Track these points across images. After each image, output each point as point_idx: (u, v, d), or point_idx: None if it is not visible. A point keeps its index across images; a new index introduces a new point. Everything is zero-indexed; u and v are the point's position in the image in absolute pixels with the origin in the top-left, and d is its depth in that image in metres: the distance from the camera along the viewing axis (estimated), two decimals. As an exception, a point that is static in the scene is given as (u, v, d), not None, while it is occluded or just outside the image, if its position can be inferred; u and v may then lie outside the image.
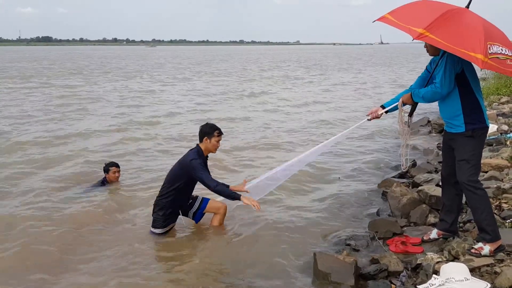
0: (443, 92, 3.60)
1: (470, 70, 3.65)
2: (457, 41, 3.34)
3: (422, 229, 4.48)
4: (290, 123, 11.57)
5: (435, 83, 3.63)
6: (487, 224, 3.65)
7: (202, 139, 4.69)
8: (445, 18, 3.48)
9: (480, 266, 3.49)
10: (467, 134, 3.63)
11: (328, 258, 3.82)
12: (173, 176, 4.71)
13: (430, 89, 3.68)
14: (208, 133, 4.66)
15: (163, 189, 4.73)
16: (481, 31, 3.40)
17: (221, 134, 4.75)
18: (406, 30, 3.50)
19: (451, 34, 3.39)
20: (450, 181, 3.94)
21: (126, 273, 3.97)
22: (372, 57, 61.74)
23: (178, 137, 9.79)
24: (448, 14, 3.51)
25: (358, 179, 6.75)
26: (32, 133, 9.94)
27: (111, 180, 6.29)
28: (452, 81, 3.59)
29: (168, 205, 4.66)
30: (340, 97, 17.45)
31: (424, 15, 3.57)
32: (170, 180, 4.70)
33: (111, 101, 15.49)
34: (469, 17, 3.60)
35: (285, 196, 5.94)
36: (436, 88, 3.61)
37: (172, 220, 4.76)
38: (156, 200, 4.76)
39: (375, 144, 9.14)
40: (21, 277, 3.90)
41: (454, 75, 3.58)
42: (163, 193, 4.70)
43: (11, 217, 5.17)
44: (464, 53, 3.30)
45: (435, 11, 3.55)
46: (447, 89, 3.60)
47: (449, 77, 3.57)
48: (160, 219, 4.68)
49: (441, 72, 3.58)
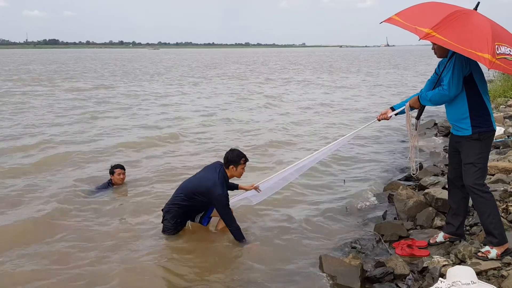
0: (451, 94, 3.58)
1: (478, 72, 3.63)
2: (464, 41, 3.31)
3: (429, 232, 4.47)
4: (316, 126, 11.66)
5: (443, 85, 3.60)
6: (494, 228, 3.63)
7: (228, 166, 4.63)
8: (452, 19, 3.45)
9: (487, 270, 3.48)
10: (474, 137, 3.61)
11: (334, 261, 3.82)
12: (193, 193, 4.57)
13: (437, 92, 3.65)
14: (234, 161, 4.61)
15: (177, 199, 4.63)
16: (488, 32, 3.36)
17: (247, 161, 4.71)
18: (412, 30, 3.48)
19: (459, 34, 3.36)
20: (456, 184, 3.93)
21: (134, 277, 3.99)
22: (390, 58, 61.68)
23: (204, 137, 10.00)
24: (455, 15, 3.49)
25: (364, 181, 6.74)
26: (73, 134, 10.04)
27: (116, 182, 6.31)
28: (460, 84, 3.57)
29: (180, 215, 4.64)
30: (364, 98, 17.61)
31: (431, 16, 3.54)
32: (188, 194, 4.59)
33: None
34: (476, 18, 3.57)
35: (291, 199, 5.94)
36: (444, 91, 3.59)
37: (182, 226, 4.75)
38: (167, 206, 4.68)
39: (380, 147, 9.12)
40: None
41: (462, 77, 3.56)
42: (177, 203, 4.61)
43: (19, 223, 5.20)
44: (472, 53, 3.26)
45: (442, 12, 3.52)
46: (454, 91, 3.57)
47: (457, 80, 3.54)
48: (171, 227, 4.65)
49: (449, 74, 3.55)
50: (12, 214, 5.38)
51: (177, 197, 4.66)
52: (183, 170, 7.16)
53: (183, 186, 4.76)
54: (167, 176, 6.91)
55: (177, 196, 4.68)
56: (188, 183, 4.73)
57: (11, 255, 4.33)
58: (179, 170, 7.22)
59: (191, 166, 7.26)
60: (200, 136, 10.09)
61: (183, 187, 4.74)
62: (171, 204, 4.67)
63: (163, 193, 6.07)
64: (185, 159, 8.07)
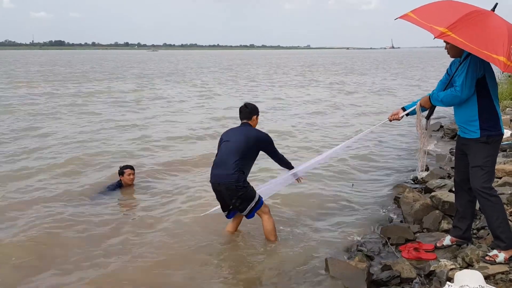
0: (463, 96, 3.54)
1: (490, 75, 3.59)
2: (479, 42, 3.26)
3: (435, 235, 4.45)
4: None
5: (455, 86, 3.56)
6: (502, 231, 3.60)
7: (251, 117, 4.72)
8: (468, 19, 3.40)
9: (495, 274, 3.45)
10: (482, 140, 3.58)
11: (340, 264, 3.80)
12: (246, 151, 4.48)
13: (449, 93, 3.61)
14: (256, 111, 4.82)
15: (236, 166, 4.40)
16: (505, 34, 3.31)
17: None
18: (427, 29, 3.43)
19: (474, 35, 3.31)
20: (463, 187, 3.90)
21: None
22: (401, 60, 61.42)
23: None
24: (472, 15, 3.43)
25: (370, 184, 6.73)
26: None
27: (126, 183, 6.34)
28: (473, 86, 3.52)
29: (245, 178, 4.50)
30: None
31: (447, 15, 3.49)
32: (244, 154, 4.47)
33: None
34: (493, 19, 3.51)
35: (297, 200, 5.93)
36: (456, 92, 3.54)
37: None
38: (229, 185, 4.38)
39: (387, 149, 9.09)
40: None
41: (475, 79, 3.52)
42: (237, 170, 4.40)
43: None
44: (486, 54, 3.22)
45: (459, 11, 3.47)
46: (467, 93, 3.52)
47: (470, 82, 3.50)
48: (249, 189, 4.48)
49: (463, 76, 3.50)
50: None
51: (234, 166, 4.41)
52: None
53: (231, 153, 4.47)
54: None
55: (233, 165, 4.41)
56: (234, 148, 4.49)
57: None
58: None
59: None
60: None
61: (232, 153, 4.46)
62: (232, 180, 4.39)
63: (174, 192, 6.19)
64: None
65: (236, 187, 4.40)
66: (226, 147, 4.56)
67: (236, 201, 4.46)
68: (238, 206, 4.50)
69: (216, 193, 4.59)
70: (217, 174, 4.49)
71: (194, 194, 6.22)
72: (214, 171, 4.54)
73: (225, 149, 4.56)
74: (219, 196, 4.60)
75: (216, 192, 4.59)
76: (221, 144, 4.67)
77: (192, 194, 6.23)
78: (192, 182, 6.79)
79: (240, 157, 4.45)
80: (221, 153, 4.57)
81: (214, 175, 4.53)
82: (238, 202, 4.46)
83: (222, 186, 4.45)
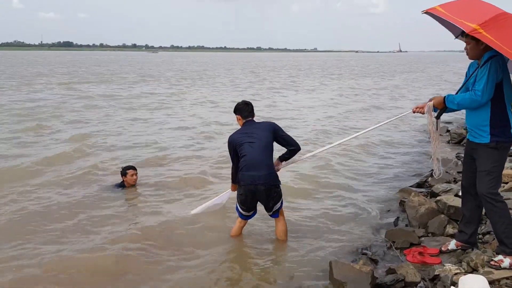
0: (483, 100, 3.48)
1: (507, 81, 3.57)
2: (510, 44, 3.23)
3: (440, 239, 4.43)
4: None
5: (475, 90, 3.50)
6: (507, 237, 3.58)
7: (254, 113, 4.81)
8: (498, 20, 3.38)
9: (500, 279, 3.43)
10: (491, 146, 3.56)
11: (344, 267, 3.79)
12: (269, 141, 4.58)
13: (468, 96, 3.55)
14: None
15: (269, 157, 4.54)
16: None
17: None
18: (459, 24, 3.40)
19: (505, 36, 3.28)
20: (470, 192, 3.87)
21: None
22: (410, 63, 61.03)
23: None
24: (501, 17, 3.41)
25: (375, 187, 6.71)
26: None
27: (129, 183, 6.37)
28: (493, 90, 3.48)
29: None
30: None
31: (478, 13, 3.47)
32: (271, 146, 4.60)
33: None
34: None
35: (301, 202, 5.94)
36: (477, 96, 3.48)
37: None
38: (267, 179, 4.46)
39: (393, 153, 9.07)
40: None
41: (495, 84, 3.49)
42: (271, 161, 4.57)
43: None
44: None
45: (488, 11, 3.46)
46: (487, 98, 3.47)
47: (491, 86, 3.46)
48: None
49: (484, 79, 3.45)
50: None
51: (272, 165, 4.55)
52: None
53: (263, 153, 4.50)
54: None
55: (271, 164, 4.54)
56: (264, 146, 4.53)
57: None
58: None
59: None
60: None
61: (264, 152, 4.52)
62: (271, 179, 4.48)
63: (176, 192, 6.22)
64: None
65: (275, 186, 4.48)
66: (254, 147, 4.49)
67: (271, 200, 4.50)
68: (271, 206, 4.55)
69: (249, 194, 4.48)
70: (255, 175, 4.42)
71: (199, 194, 6.25)
72: (251, 173, 4.44)
73: (254, 149, 4.48)
74: (251, 197, 4.51)
75: (249, 193, 4.48)
76: (243, 145, 4.52)
77: (197, 194, 6.26)
78: (197, 182, 6.81)
79: (271, 153, 4.57)
80: (253, 154, 4.47)
81: (250, 176, 4.44)
82: (273, 201, 4.51)
83: (260, 186, 4.42)
